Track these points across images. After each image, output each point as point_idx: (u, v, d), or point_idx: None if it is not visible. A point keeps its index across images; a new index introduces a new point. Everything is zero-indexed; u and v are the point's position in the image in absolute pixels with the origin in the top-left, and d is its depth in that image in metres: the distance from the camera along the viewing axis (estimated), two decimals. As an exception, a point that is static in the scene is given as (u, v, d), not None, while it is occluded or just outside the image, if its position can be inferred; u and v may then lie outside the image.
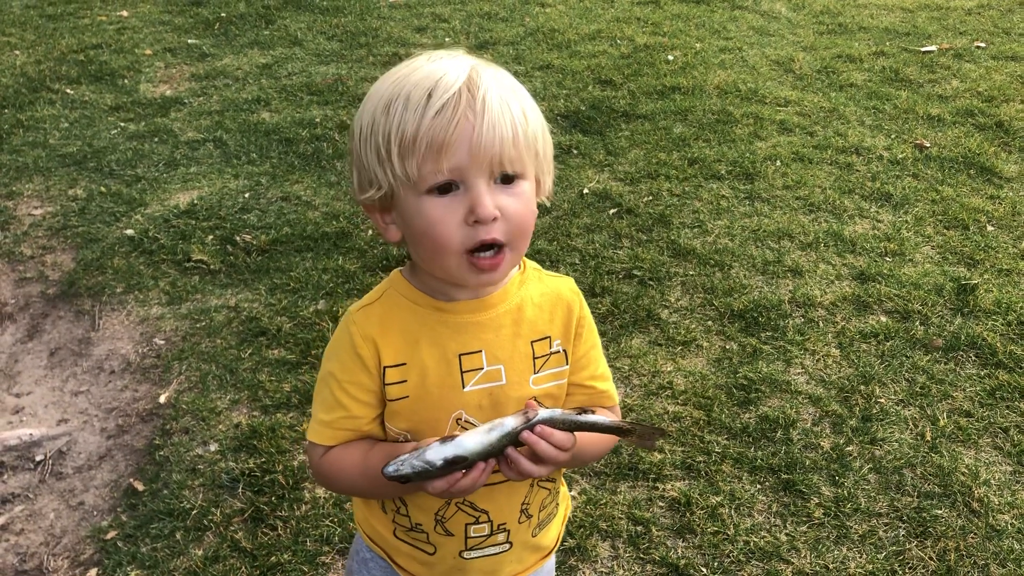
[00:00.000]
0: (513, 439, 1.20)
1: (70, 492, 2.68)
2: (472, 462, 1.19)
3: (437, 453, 1.17)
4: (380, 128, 1.17)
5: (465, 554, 1.42)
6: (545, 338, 1.35)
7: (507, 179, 1.19)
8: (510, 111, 1.17)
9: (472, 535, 1.40)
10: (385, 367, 1.29)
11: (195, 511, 2.55)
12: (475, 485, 1.21)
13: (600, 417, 1.28)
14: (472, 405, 1.31)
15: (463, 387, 1.30)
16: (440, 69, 1.18)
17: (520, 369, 1.33)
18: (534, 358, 1.34)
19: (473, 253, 1.19)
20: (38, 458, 2.80)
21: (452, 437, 1.19)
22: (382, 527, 1.47)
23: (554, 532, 1.56)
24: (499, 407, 1.31)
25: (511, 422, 1.20)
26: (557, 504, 1.53)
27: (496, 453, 1.20)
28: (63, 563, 2.44)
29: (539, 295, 1.36)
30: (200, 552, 2.42)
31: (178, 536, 2.48)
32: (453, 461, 1.17)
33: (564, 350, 1.37)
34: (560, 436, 1.22)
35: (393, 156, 1.16)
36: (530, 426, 1.20)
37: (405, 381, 1.30)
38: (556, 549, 1.59)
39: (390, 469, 1.18)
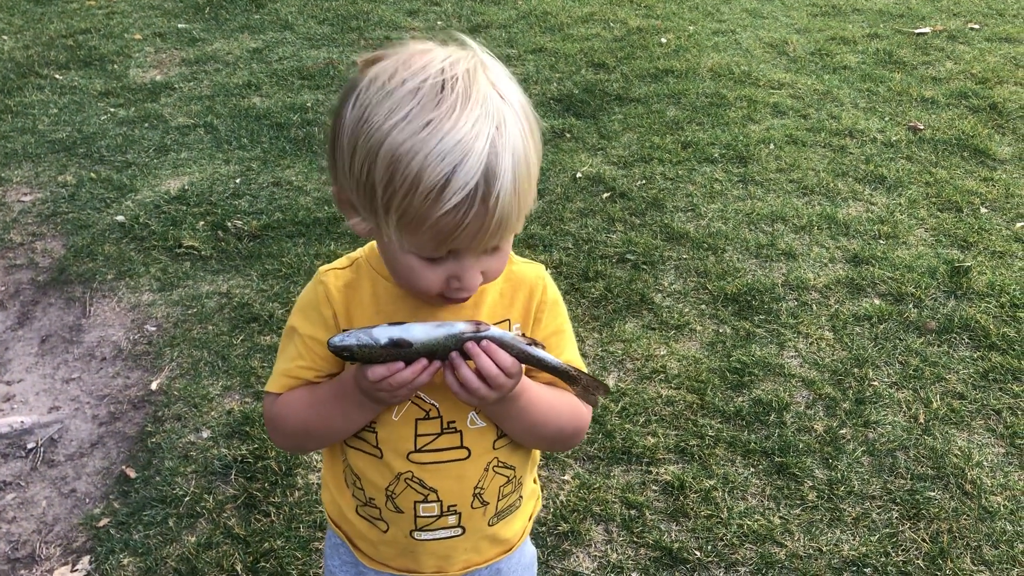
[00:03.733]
0: (458, 343, 1.19)
1: (62, 480, 2.67)
2: (415, 352, 1.18)
3: (383, 332, 1.17)
4: (380, 186, 1.08)
5: (416, 534, 1.41)
6: (504, 321, 1.34)
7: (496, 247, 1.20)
8: (523, 199, 1.12)
9: (422, 514, 1.38)
10: (343, 329, 1.29)
11: (188, 498, 2.54)
12: (413, 381, 1.19)
13: (549, 355, 1.26)
14: (425, 384, 1.26)
15: None
16: (462, 140, 1.05)
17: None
18: None
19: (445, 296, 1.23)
20: (29, 446, 2.79)
21: (402, 324, 1.20)
22: (345, 505, 1.47)
23: (517, 526, 1.52)
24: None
25: (461, 326, 1.19)
26: (521, 497, 1.50)
27: (441, 353, 1.19)
28: (55, 550, 2.43)
29: (503, 281, 1.35)
30: (193, 539, 2.42)
31: (171, 523, 2.47)
32: (397, 344, 1.17)
33: (523, 334, 1.35)
34: (506, 357, 1.19)
35: (390, 221, 1.10)
36: (477, 337, 1.19)
37: None
38: (520, 544, 1.55)
39: (335, 339, 1.18)
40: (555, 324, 1.39)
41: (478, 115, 1.07)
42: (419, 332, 1.18)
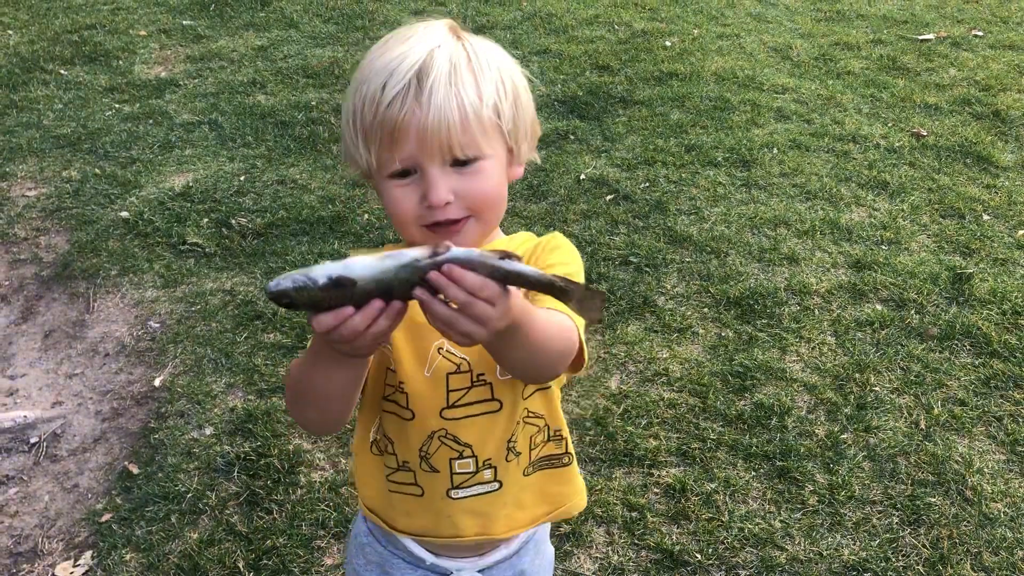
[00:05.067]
0: (415, 273, 1.00)
1: (65, 475, 2.68)
2: (364, 292, 1.00)
3: (322, 271, 1.00)
4: (350, 112, 1.25)
5: (453, 492, 1.37)
6: (494, 249, 1.33)
7: (462, 162, 1.23)
8: (459, 95, 1.20)
9: (457, 471, 1.36)
10: None
11: (190, 494, 2.55)
12: (370, 328, 1.03)
13: (527, 268, 1.04)
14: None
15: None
16: (403, 52, 1.22)
17: None
18: None
19: (431, 227, 1.26)
20: (32, 440, 2.80)
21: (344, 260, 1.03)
22: (376, 479, 1.43)
23: (568, 489, 1.48)
24: None
25: (413, 252, 1.00)
26: (568, 453, 1.46)
27: (399, 290, 1.01)
28: (58, 545, 2.44)
29: (514, 244, 1.41)
30: (195, 535, 2.42)
31: (173, 519, 2.48)
32: (338, 283, 0.99)
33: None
34: (473, 279, 0.99)
35: (359, 141, 1.24)
36: (436, 264, 0.99)
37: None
38: (570, 505, 1.51)
39: (272, 283, 1.01)
40: (553, 259, 1.31)
41: (428, 36, 1.24)
42: (362, 267, 1.00)
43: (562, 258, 1.35)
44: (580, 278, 1.30)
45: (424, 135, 1.19)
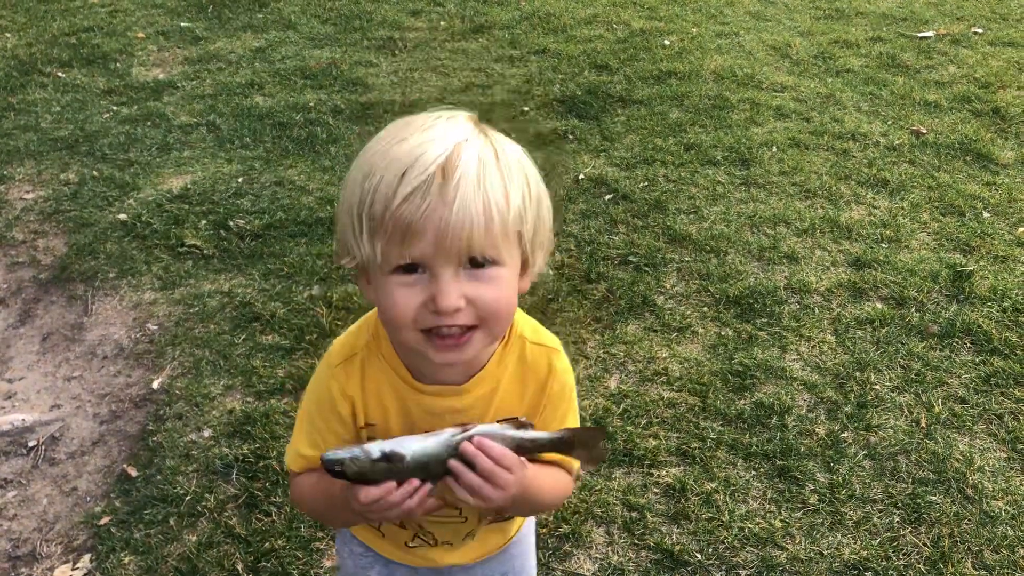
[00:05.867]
0: (452, 450, 1.16)
1: (63, 478, 2.67)
2: (408, 468, 1.15)
3: (375, 446, 1.16)
4: (355, 201, 1.14)
5: (410, 543, 1.49)
6: (512, 418, 1.33)
7: (478, 264, 1.14)
8: (486, 196, 1.10)
9: (413, 543, 1.49)
10: (359, 427, 1.33)
11: (189, 497, 2.54)
12: (405, 505, 1.16)
13: (539, 433, 1.24)
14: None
15: None
16: (425, 143, 1.11)
17: None
18: None
19: (432, 332, 1.16)
20: (31, 443, 2.79)
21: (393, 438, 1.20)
22: None
23: (512, 526, 1.58)
24: None
25: (450, 431, 1.18)
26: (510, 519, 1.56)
27: (434, 466, 1.16)
28: (56, 548, 2.43)
29: (515, 370, 1.33)
30: (194, 538, 2.41)
31: (172, 522, 2.47)
32: (390, 457, 1.15)
33: (512, 419, 1.37)
34: (497, 450, 1.17)
35: (363, 233, 1.13)
36: (467, 437, 1.17)
37: (374, 439, 1.31)
38: (517, 534, 1.61)
39: (328, 455, 1.16)
40: (556, 415, 1.37)
41: (452, 130, 1.14)
42: (412, 445, 1.16)
43: (554, 417, 1.38)
44: (567, 422, 1.38)
45: (444, 234, 1.09)
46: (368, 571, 1.57)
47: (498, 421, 1.23)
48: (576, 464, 1.37)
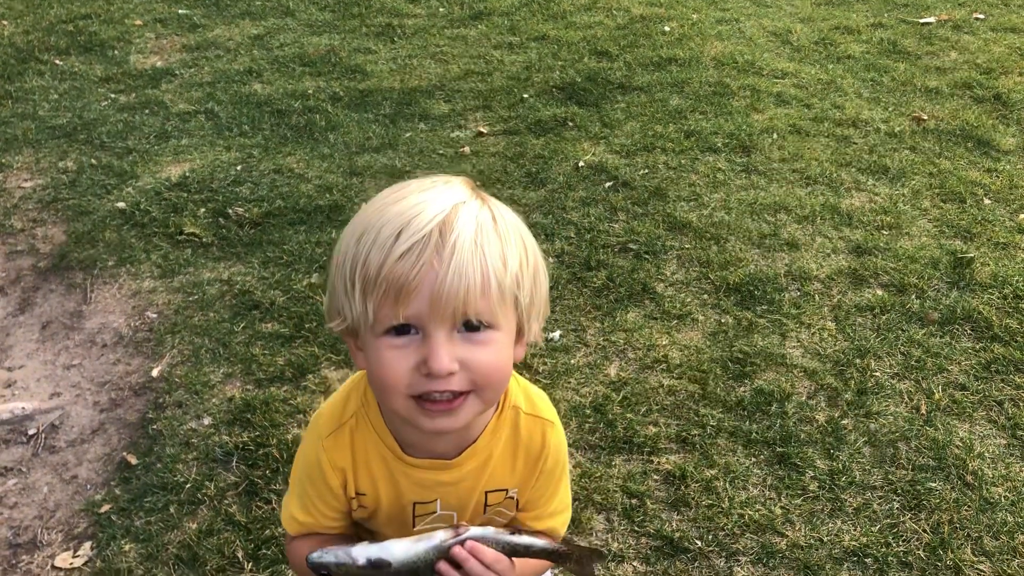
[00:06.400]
0: (442, 553, 1.17)
1: (63, 466, 2.67)
2: (395, 572, 1.16)
3: (362, 552, 1.16)
4: (348, 260, 1.12)
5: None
6: (502, 490, 1.34)
7: (473, 327, 1.12)
8: (484, 258, 1.09)
9: None
10: (350, 497, 1.33)
11: (189, 485, 2.54)
12: None
13: (535, 540, 1.24)
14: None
15: (412, 526, 1.35)
16: (422, 203, 1.10)
17: (470, 514, 1.36)
18: (486, 505, 1.36)
19: (422, 398, 1.13)
20: (31, 432, 2.79)
21: (384, 540, 1.19)
22: None
23: None
24: None
25: (441, 535, 1.17)
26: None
27: (422, 567, 1.17)
28: (57, 536, 2.44)
29: (507, 442, 1.31)
30: (194, 525, 2.42)
31: (172, 510, 2.47)
32: (376, 564, 1.15)
33: (517, 498, 1.37)
34: (491, 555, 1.17)
35: (355, 292, 1.11)
36: (460, 541, 1.17)
37: (365, 507, 1.34)
38: None
39: (314, 556, 1.18)
40: (550, 487, 1.37)
41: (449, 192, 1.14)
42: (398, 550, 1.16)
43: (546, 486, 1.37)
44: (558, 491, 1.40)
45: (439, 296, 1.07)
46: None
47: (496, 528, 1.23)
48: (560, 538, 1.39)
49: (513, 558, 1.22)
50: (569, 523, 2.40)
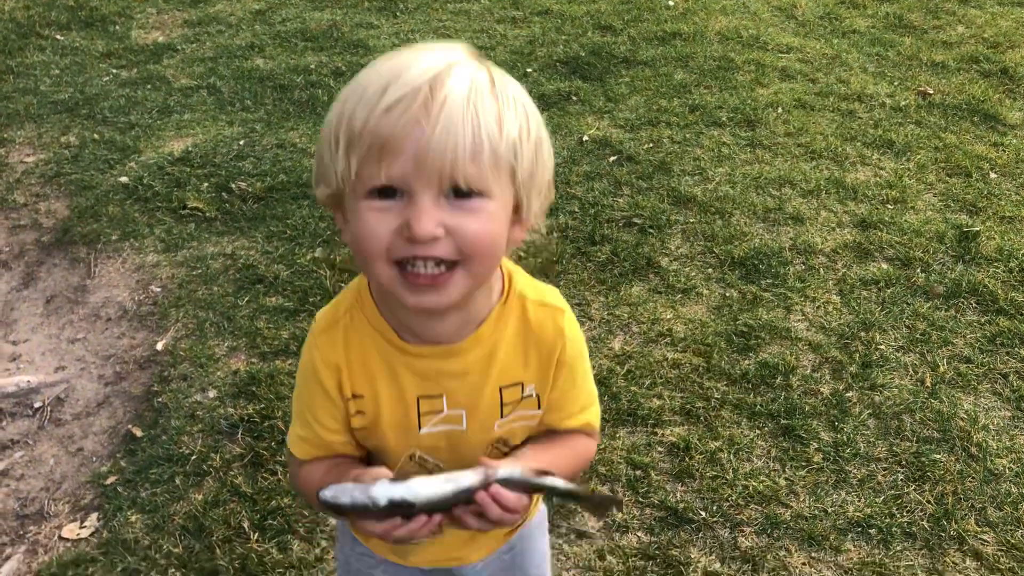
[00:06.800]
0: (467, 496, 1.10)
1: (69, 438, 2.68)
2: (417, 510, 1.08)
3: (384, 491, 1.06)
4: (335, 118, 1.05)
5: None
6: (517, 384, 1.23)
7: (463, 194, 1.03)
8: (476, 117, 1.00)
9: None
10: (346, 398, 1.23)
11: (194, 456, 2.55)
12: (412, 538, 1.11)
13: (558, 481, 1.17)
14: (427, 447, 1.25)
15: (419, 429, 1.23)
16: (415, 59, 1.03)
17: (484, 416, 1.24)
18: (502, 404, 1.24)
19: (405, 266, 1.05)
20: (36, 405, 2.80)
21: (405, 476, 1.09)
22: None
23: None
24: (456, 449, 1.25)
25: (469, 478, 1.09)
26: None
27: (444, 507, 1.10)
28: (64, 507, 2.45)
29: (517, 333, 1.22)
30: (200, 496, 2.43)
31: (178, 481, 2.48)
32: (399, 504, 1.06)
33: (538, 395, 1.26)
34: (512, 499, 1.11)
35: (339, 150, 1.03)
36: (486, 485, 1.10)
37: (363, 412, 1.23)
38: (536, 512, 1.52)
39: (327, 494, 1.07)
40: (571, 379, 1.27)
41: (447, 51, 1.05)
42: (425, 491, 1.07)
43: (574, 380, 1.28)
44: (584, 385, 1.31)
45: (425, 154, 0.99)
46: (373, 571, 1.48)
47: (523, 468, 1.15)
48: (597, 422, 1.33)
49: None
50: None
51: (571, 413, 1.30)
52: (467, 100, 1.00)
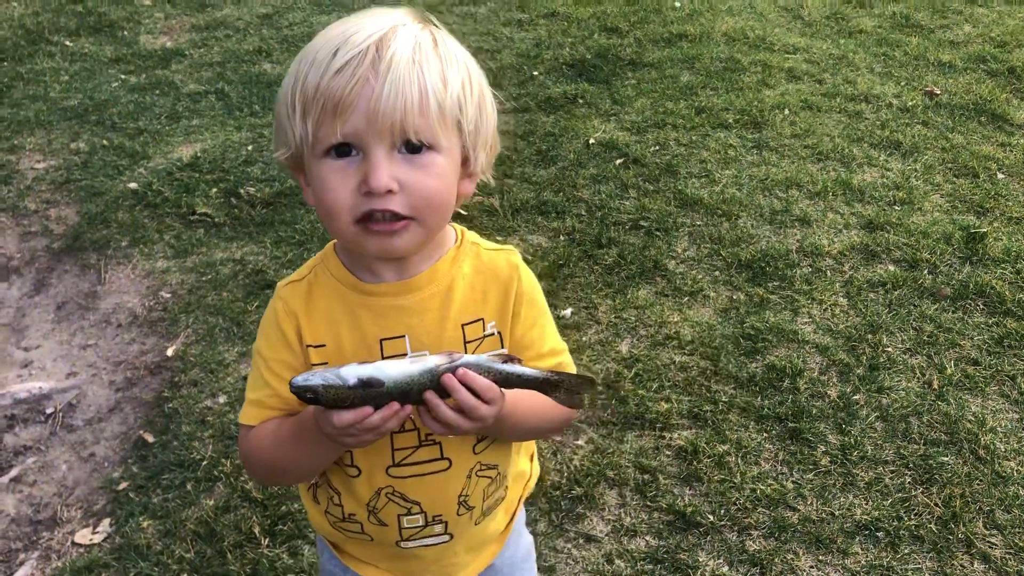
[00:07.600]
0: (435, 378, 1.11)
1: (81, 444, 2.70)
2: (387, 393, 1.09)
3: (352, 371, 1.08)
4: (289, 83, 1.14)
5: (402, 544, 1.36)
6: (477, 320, 1.27)
7: (414, 148, 1.11)
8: (422, 74, 1.09)
9: (406, 526, 1.34)
10: (307, 346, 1.25)
11: (205, 462, 2.57)
12: (383, 427, 1.11)
13: (525, 368, 1.19)
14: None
15: None
16: (360, 23, 1.11)
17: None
18: (465, 342, 1.27)
19: (367, 223, 1.13)
20: (48, 411, 2.82)
21: (373, 362, 1.12)
22: (319, 518, 1.42)
23: (500, 518, 1.47)
24: None
25: (435, 359, 1.12)
26: (506, 488, 1.43)
27: (414, 393, 1.11)
28: (76, 513, 2.47)
29: (473, 272, 1.27)
30: (211, 502, 2.45)
31: (189, 487, 2.50)
32: (367, 383, 1.08)
33: (499, 332, 1.29)
34: (482, 383, 1.13)
35: (296, 114, 1.12)
36: (452, 368, 1.11)
37: (326, 363, 1.24)
38: (510, 534, 1.51)
39: (298, 379, 1.08)
40: (532, 315, 1.31)
41: (392, 15, 1.13)
42: (392, 370, 1.09)
43: (535, 315, 1.32)
44: (549, 321, 1.35)
45: (376, 111, 1.07)
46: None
47: (490, 354, 1.18)
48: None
49: (504, 391, 1.17)
50: (582, 498, 2.42)
51: (540, 353, 1.32)
52: (412, 59, 1.09)
